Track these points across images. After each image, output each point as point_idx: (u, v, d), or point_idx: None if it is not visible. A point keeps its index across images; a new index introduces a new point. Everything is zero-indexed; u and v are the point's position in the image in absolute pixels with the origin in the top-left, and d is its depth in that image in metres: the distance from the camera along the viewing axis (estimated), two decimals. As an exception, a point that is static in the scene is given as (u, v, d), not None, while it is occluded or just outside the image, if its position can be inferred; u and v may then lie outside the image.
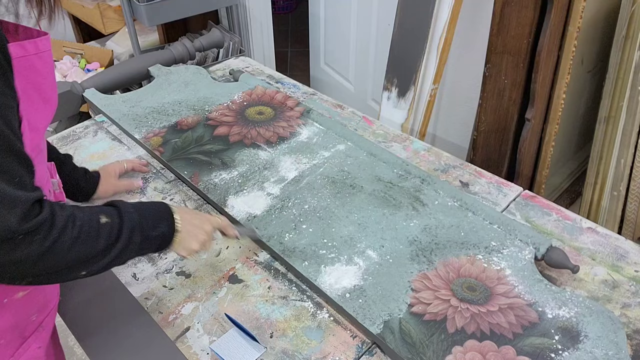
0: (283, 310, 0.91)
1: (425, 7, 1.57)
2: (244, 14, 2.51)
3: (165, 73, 1.56)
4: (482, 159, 1.74)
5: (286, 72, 3.17)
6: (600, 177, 1.78)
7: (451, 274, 0.94)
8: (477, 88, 1.67)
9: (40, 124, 0.72)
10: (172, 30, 2.56)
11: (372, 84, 2.39)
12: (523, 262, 0.96)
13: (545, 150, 1.70)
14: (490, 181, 1.18)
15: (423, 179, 1.15)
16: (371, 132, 1.35)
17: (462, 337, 0.83)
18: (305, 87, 1.55)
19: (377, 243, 1.00)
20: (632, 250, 1.00)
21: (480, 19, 1.65)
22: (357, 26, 2.36)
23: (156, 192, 1.16)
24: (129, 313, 0.91)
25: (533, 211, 1.09)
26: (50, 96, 0.73)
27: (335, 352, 0.84)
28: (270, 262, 1.00)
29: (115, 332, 0.88)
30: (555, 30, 1.50)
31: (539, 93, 1.57)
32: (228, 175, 1.18)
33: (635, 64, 1.58)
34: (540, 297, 0.89)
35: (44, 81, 0.71)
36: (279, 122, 1.35)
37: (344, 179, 1.16)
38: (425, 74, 1.62)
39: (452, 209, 1.08)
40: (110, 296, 0.94)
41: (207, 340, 0.86)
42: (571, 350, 0.81)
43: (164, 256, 1.01)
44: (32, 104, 0.68)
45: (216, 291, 0.94)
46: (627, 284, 0.94)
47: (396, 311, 0.87)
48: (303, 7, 3.40)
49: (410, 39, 1.64)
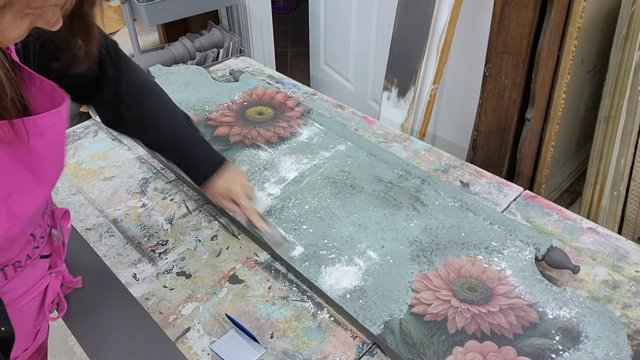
0: (283, 311, 0.91)
1: (425, 7, 1.57)
2: (244, 14, 2.51)
3: (165, 73, 1.56)
4: (482, 159, 1.74)
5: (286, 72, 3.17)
6: (600, 177, 1.78)
7: (452, 274, 0.94)
8: (477, 88, 1.67)
9: (26, 210, 0.63)
10: (172, 30, 2.56)
11: (372, 84, 2.39)
12: (524, 262, 0.96)
13: (545, 150, 1.70)
14: (491, 181, 1.18)
15: (423, 179, 1.15)
16: (371, 132, 1.35)
17: (463, 337, 0.83)
18: (306, 87, 1.55)
19: (377, 243, 1.00)
20: (632, 250, 1.00)
21: (480, 19, 1.65)
22: (357, 26, 2.36)
23: (156, 192, 1.16)
24: (129, 313, 0.91)
25: (533, 211, 1.09)
26: (48, 177, 0.65)
27: (336, 352, 0.84)
28: (271, 263, 1.00)
29: (115, 332, 0.88)
30: (555, 30, 1.50)
31: (539, 93, 1.57)
32: (228, 175, 1.18)
33: (635, 64, 1.58)
34: (541, 298, 0.89)
35: (42, 162, 0.62)
36: (279, 122, 1.35)
37: (345, 179, 1.16)
38: (425, 74, 1.62)
39: (453, 209, 1.08)
40: (111, 296, 0.94)
41: (207, 341, 0.86)
42: (572, 350, 0.81)
43: (164, 256, 1.01)
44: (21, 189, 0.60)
45: (216, 291, 0.94)
46: (628, 284, 0.94)
47: (397, 312, 0.87)
48: (303, 7, 3.40)
49: (410, 39, 1.64)
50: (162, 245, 1.03)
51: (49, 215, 0.79)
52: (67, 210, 0.84)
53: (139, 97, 0.91)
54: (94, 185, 1.18)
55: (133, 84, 0.90)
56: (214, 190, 0.97)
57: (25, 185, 0.61)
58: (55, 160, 0.65)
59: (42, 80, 0.62)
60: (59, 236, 0.81)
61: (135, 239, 1.05)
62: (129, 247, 1.03)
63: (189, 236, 1.05)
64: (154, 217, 1.10)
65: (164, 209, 1.12)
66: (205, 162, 0.97)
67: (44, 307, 0.81)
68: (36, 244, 0.74)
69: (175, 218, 1.10)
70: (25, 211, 0.62)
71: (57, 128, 0.62)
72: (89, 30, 0.62)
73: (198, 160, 0.96)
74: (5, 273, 0.69)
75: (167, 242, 1.04)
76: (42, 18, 0.53)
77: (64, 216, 0.84)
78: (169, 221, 1.09)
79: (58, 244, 0.81)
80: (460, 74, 1.84)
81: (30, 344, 0.82)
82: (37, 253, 0.75)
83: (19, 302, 0.75)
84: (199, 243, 1.04)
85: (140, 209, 1.12)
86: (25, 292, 0.76)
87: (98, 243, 1.04)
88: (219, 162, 0.97)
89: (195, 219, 1.10)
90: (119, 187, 1.18)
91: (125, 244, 1.04)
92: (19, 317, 0.76)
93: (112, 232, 1.07)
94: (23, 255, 0.71)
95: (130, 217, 1.10)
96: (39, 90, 0.62)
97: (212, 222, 1.09)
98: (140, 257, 1.01)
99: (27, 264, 0.73)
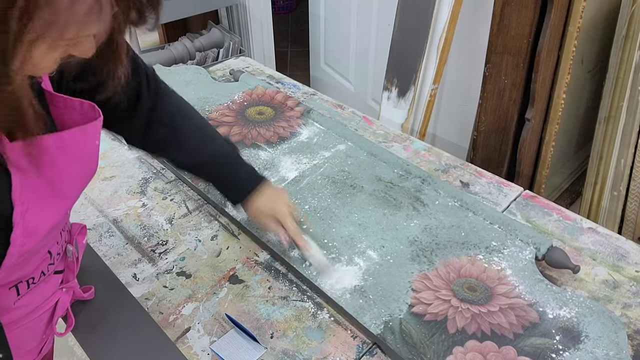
0: (283, 311, 0.91)
1: (425, 7, 1.57)
2: (244, 14, 2.51)
3: (165, 73, 1.56)
4: (482, 159, 1.74)
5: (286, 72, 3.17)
6: (600, 177, 1.78)
7: (452, 274, 0.94)
8: (477, 88, 1.67)
9: (43, 225, 0.62)
10: (172, 30, 2.56)
11: (372, 84, 2.39)
12: (524, 262, 0.96)
13: (545, 150, 1.70)
14: (491, 181, 1.18)
15: (423, 179, 1.15)
16: (371, 132, 1.35)
17: (463, 337, 0.83)
18: (306, 87, 1.55)
19: (377, 243, 1.00)
20: (632, 250, 1.00)
21: (480, 19, 1.65)
22: (357, 26, 2.36)
23: (156, 192, 1.16)
24: (129, 313, 0.91)
25: (533, 211, 1.09)
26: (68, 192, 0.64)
27: (336, 352, 0.84)
28: (271, 263, 1.00)
29: (115, 332, 0.88)
30: (555, 30, 1.50)
31: (539, 93, 1.57)
32: (228, 175, 1.18)
33: (635, 64, 1.58)
34: (541, 297, 0.89)
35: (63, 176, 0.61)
36: (279, 122, 1.35)
37: (344, 179, 1.16)
38: (425, 74, 1.62)
39: (453, 209, 1.08)
40: (111, 296, 0.94)
41: (207, 341, 0.86)
42: (572, 350, 0.81)
43: (164, 256, 1.01)
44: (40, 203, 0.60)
45: (216, 291, 0.94)
46: (628, 284, 0.94)
47: (397, 311, 0.87)
48: (303, 7, 3.40)
49: (410, 39, 1.64)
50: (162, 245, 1.03)
51: (67, 231, 0.78)
52: (84, 225, 0.84)
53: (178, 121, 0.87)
54: (94, 185, 1.18)
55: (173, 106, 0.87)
56: (257, 208, 0.92)
57: (45, 199, 0.61)
58: (77, 176, 0.64)
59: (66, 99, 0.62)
60: (74, 252, 0.80)
61: (135, 239, 1.05)
62: (129, 247, 1.03)
63: (189, 236, 1.05)
64: (154, 217, 1.10)
65: (164, 209, 1.12)
66: (246, 179, 0.92)
67: (52, 322, 0.80)
68: (52, 261, 0.73)
69: (175, 218, 1.10)
70: (42, 226, 0.62)
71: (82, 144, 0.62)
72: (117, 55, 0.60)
73: (240, 177, 0.92)
74: (19, 289, 0.68)
75: (167, 242, 1.04)
76: (75, 47, 0.52)
77: (81, 232, 0.83)
78: (169, 221, 1.09)
79: (72, 260, 0.80)
80: (460, 74, 1.84)
81: (35, 356, 0.81)
82: (51, 269, 0.74)
83: (29, 318, 0.74)
84: (199, 243, 1.04)
85: (140, 209, 1.12)
86: (35, 308, 0.75)
87: (98, 243, 1.04)
88: (259, 179, 0.93)
89: (195, 219, 1.09)
90: (119, 187, 1.18)
91: (125, 244, 1.04)
92: (26, 333, 0.75)
93: (112, 232, 1.07)
94: (38, 272, 0.70)
95: (130, 217, 1.10)
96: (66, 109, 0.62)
97: (212, 222, 1.09)
98: (140, 257, 1.01)
99: (41, 281, 0.72)
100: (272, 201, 0.92)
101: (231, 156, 0.92)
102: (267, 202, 0.91)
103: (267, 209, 0.92)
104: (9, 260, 0.59)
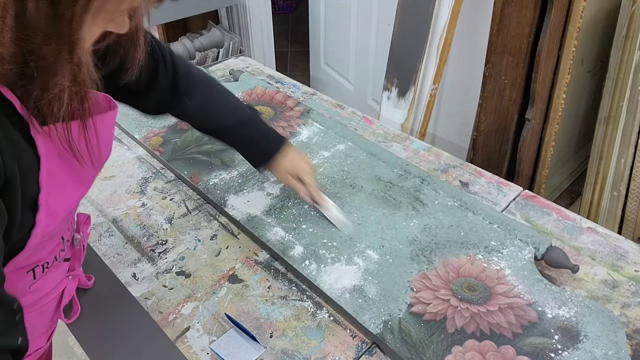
0: (283, 310, 0.91)
1: (425, 7, 1.57)
2: (244, 14, 2.51)
3: (165, 73, 1.56)
4: (482, 159, 1.74)
5: (286, 72, 3.17)
6: (600, 177, 1.78)
7: (451, 273, 0.94)
8: (477, 88, 1.67)
9: (64, 207, 0.65)
10: (172, 30, 2.57)
11: (372, 84, 2.39)
12: (523, 261, 0.96)
13: (545, 150, 1.70)
14: (490, 181, 1.18)
15: (423, 178, 1.15)
16: (371, 132, 1.35)
17: (462, 336, 0.83)
18: (305, 87, 1.55)
19: (376, 243, 1.00)
20: (632, 250, 1.00)
21: (480, 19, 1.66)
22: (357, 26, 2.37)
23: (156, 192, 1.16)
24: (129, 313, 0.91)
25: (533, 211, 1.09)
26: (84, 179, 0.67)
27: (335, 351, 0.84)
28: (270, 262, 1.00)
29: (115, 332, 0.88)
30: (555, 30, 1.50)
31: (539, 93, 1.57)
32: (228, 175, 1.18)
33: (635, 64, 1.58)
34: (540, 297, 0.89)
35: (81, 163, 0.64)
36: (279, 122, 1.35)
37: (344, 179, 1.16)
38: (425, 74, 1.62)
39: (452, 209, 1.08)
40: (110, 296, 0.94)
41: (207, 340, 0.86)
42: (571, 350, 0.81)
43: (164, 256, 1.01)
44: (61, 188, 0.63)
45: (216, 291, 0.94)
46: (627, 283, 0.94)
47: (396, 311, 0.87)
48: (303, 7, 3.40)
49: (410, 39, 1.64)
50: (161, 245, 1.03)
51: (73, 219, 0.82)
52: (89, 215, 0.88)
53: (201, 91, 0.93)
54: (94, 184, 1.18)
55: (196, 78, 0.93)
56: (282, 167, 0.98)
57: (65, 184, 0.63)
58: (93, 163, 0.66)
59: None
60: (81, 240, 0.84)
61: (134, 239, 1.05)
62: (128, 246, 1.03)
63: (189, 236, 1.05)
64: (154, 216, 1.10)
65: (163, 208, 1.12)
66: (271, 141, 0.98)
67: (60, 309, 0.84)
68: (63, 247, 0.76)
69: (174, 218, 1.10)
70: (62, 210, 0.64)
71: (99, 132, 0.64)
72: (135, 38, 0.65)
73: (265, 140, 0.98)
74: (35, 273, 0.71)
75: (166, 241, 1.04)
76: (113, 22, 0.55)
77: (86, 222, 0.87)
78: (168, 221, 1.09)
79: (79, 247, 0.84)
80: (460, 74, 1.85)
81: (44, 344, 0.83)
82: (62, 255, 0.77)
83: (41, 303, 0.78)
84: (199, 242, 1.04)
85: (139, 208, 1.12)
86: (47, 293, 0.79)
87: (98, 242, 1.04)
88: (282, 140, 0.99)
89: (194, 218, 1.10)
90: (119, 186, 1.18)
91: (125, 244, 1.04)
92: (38, 317, 0.79)
93: (111, 231, 1.07)
94: (51, 257, 0.73)
95: (130, 216, 1.10)
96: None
97: (212, 222, 1.09)
98: (140, 256, 1.01)
99: (53, 266, 0.75)
100: (296, 161, 0.99)
101: (254, 120, 0.97)
102: (291, 161, 0.98)
103: (291, 167, 0.98)
104: (34, 240, 0.61)
